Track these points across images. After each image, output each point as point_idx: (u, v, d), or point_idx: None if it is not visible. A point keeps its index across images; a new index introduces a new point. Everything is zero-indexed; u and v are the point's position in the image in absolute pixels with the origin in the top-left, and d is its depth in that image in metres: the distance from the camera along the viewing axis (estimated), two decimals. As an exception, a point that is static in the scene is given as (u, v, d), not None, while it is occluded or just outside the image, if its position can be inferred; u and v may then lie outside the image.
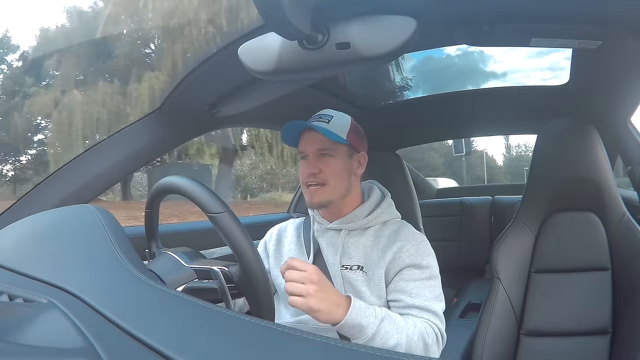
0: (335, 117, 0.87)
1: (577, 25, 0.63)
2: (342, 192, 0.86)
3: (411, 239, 0.85)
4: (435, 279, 0.84)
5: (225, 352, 0.34)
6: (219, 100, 0.91)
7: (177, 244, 0.71)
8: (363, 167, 0.91)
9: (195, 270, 0.63)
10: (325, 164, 0.84)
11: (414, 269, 0.82)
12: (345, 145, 0.86)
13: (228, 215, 0.57)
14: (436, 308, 0.80)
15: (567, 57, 0.97)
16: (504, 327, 0.95)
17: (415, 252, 0.83)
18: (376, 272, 0.83)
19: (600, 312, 0.92)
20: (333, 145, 0.84)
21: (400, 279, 0.82)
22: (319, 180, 0.84)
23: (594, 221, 0.97)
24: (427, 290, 0.81)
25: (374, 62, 0.54)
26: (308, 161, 0.86)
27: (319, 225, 0.92)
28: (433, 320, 0.78)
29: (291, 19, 0.47)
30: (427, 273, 0.83)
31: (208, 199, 0.58)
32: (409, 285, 0.81)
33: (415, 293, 0.81)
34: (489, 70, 1.52)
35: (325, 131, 0.82)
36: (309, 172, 0.84)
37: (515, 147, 23.64)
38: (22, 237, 0.60)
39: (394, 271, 0.82)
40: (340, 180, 0.85)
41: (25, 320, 0.38)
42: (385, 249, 0.84)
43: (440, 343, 0.78)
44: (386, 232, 0.87)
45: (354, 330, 0.70)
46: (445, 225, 1.84)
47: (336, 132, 0.84)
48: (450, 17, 0.65)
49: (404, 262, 0.82)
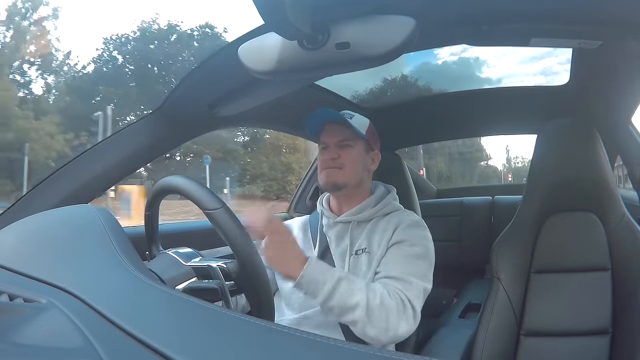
0: (356, 116, 0.94)
1: (577, 25, 0.63)
2: (356, 180, 0.92)
3: (406, 220, 0.90)
4: (424, 260, 0.85)
5: (226, 352, 0.34)
6: (219, 100, 0.91)
7: (177, 244, 0.71)
8: (375, 165, 0.97)
9: (193, 268, 0.64)
10: (345, 153, 0.91)
11: (403, 245, 0.86)
12: (363, 140, 0.93)
13: (224, 211, 0.57)
14: (412, 280, 0.80)
15: (560, 62, 0.98)
16: (503, 327, 0.94)
17: (408, 230, 0.88)
18: (379, 249, 0.87)
19: (600, 312, 0.92)
20: (354, 138, 0.92)
21: (389, 252, 0.86)
22: (337, 164, 0.90)
23: (594, 221, 0.97)
24: (410, 267, 0.83)
25: (374, 62, 0.54)
26: (328, 150, 0.92)
27: (327, 219, 0.96)
28: (401, 288, 0.79)
29: (291, 19, 0.48)
30: (416, 251, 0.85)
31: (204, 195, 0.58)
32: (394, 259, 0.84)
33: (397, 267, 0.82)
34: (484, 77, 1.54)
35: (350, 124, 0.90)
36: (329, 156, 0.91)
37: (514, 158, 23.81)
38: (22, 237, 0.60)
39: (388, 246, 0.87)
40: (356, 168, 0.92)
41: (25, 320, 0.38)
42: (385, 230, 0.89)
43: (408, 310, 0.77)
44: (387, 219, 0.92)
45: (312, 285, 0.73)
46: (445, 225, 1.84)
47: (357, 127, 0.91)
48: (450, 17, 0.65)
49: (396, 238, 0.87)
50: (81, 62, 16.69)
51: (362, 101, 1.51)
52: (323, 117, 0.93)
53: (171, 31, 16.53)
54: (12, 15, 14.21)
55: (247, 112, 0.92)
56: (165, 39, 16.14)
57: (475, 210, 1.83)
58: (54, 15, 14.81)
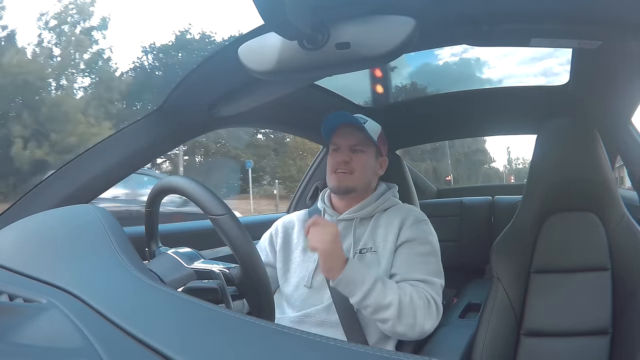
0: (369, 121, 0.96)
1: (577, 25, 0.63)
2: (365, 184, 0.95)
3: (410, 216, 0.92)
4: (435, 256, 0.90)
5: (226, 352, 0.34)
6: (219, 100, 0.91)
7: (177, 244, 0.71)
8: (383, 171, 1.00)
9: (195, 271, 0.64)
10: (356, 157, 0.93)
11: (414, 244, 0.88)
12: (374, 146, 0.96)
13: (229, 218, 0.57)
14: (432, 280, 0.85)
15: (560, 62, 0.98)
16: (503, 327, 0.94)
17: (415, 227, 0.90)
18: (385, 248, 0.89)
19: (600, 312, 0.92)
20: (366, 143, 0.94)
21: (400, 253, 0.88)
22: (348, 168, 0.92)
23: (594, 221, 0.97)
24: (424, 265, 0.86)
25: (374, 62, 0.55)
26: (340, 152, 0.94)
27: (330, 217, 0.97)
28: (426, 288, 0.83)
29: (291, 19, 0.48)
30: (427, 249, 0.89)
31: (210, 201, 0.58)
32: (410, 260, 0.87)
33: (417, 269, 0.86)
34: (485, 78, 1.53)
35: (364, 129, 0.92)
36: (341, 159, 0.93)
37: (515, 159, 24.14)
38: (22, 237, 0.59)
39: (397, 245, 0.89)
40: (366, 173, 0.94)
41: (25, 320, 0.38)
42: (388, 227, 0.91)
43: (432, 307, 0.82)
44: (388, 214, 0.94)
45: (350, 285, 0.77)
46: (445, 225, 1.83)
47: (370, 133, 0.93)
48: (450, 17, 0.65)
49: (404, 237, 0.89)
50: (128, 68, 17.57)
51: (362, 101, 1.51)
52: (339, 119, 0.94)
53: (207, 42, 17.53)
54: (61, 23, 15.19)
55: (247, 112, 0.92)
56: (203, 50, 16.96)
57: (475, 210, 1.83)
58: (102, 25, 15.79)
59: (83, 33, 15.12)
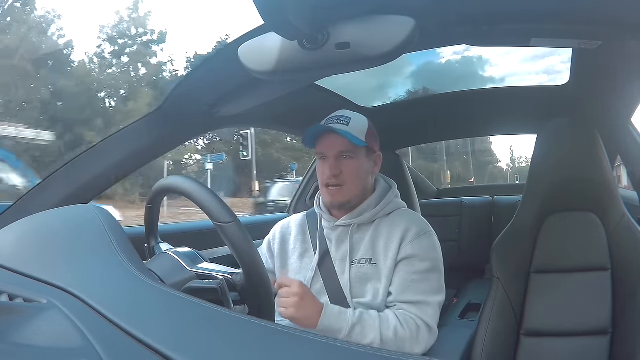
0: (353, 119, 0.89)
1: (577, 25, 0.63)
2: (360, 192, 0.89)
3: (413, 229, 0.87)
4: (435, 272, 0.85)
5: (225, 352, 0.34)
6: (219, 100, 0.91)
7: (177, 244, 0.71)
8: (378, 167, 0.94)
9: (197, 274, 0.63)
10: (346, 166, 0.87)
11: (414, 261, 0.84)
12: (364, 147, 0.88)
13: (236, 225, 0.56)
14: (427, 300, 0.82)
15: (563, 60, 0.98)
16: (503, 327, 0.94)
17: (417, 242, 0.85)
18: (386, 263, 0.85)
19: (600, 312, 0.92)
20: (353, 148, 0.86)
21: (398, 270, 0.84)
22: (339, 182, 0.86)
23: (594, 221, 0.97)
24: (422, 284, 0.83)
25: (374, 62, 0.54)
26: (328, 162, 0.87)
27: (327, 222, 0.93)
28: (417, 313, 0.80)
29: (291, 19, 0.48)
30: (427, 266, 0.84)
31: (217, 207, 0.57)
32: (406, 278, 0.83)
33: (411, 289, 0.82)
34: (487, 76, 1.53)
35: (347, 134, 0.84)
36: (330, 173, 0.86)
37: (518, 158, 24.48)
38: (22, 237, 0.60)
39: (397, 261, 0.85)
40: (359, 181, 0.88)
41: (25, 320, 0.38)
42: (389, 238, 0.86)
43: (422, 333, 0.80)
44: (391, 221, 0.89)
45: (328, 334, 0.75)
46: (445, 225, 1.83)
47: (355, 134, 0.86)
48: (450, 17, 0.65)
49: (404, 253, 0.84)
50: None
51: (362, 101, 1.50)
52: (318, 131, 0.88)
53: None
54: (122, 36, 16.63)
55: (247, 112, 0.92)
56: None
57: (475, 210, 1.82)
58: (160, 39, 17.12)
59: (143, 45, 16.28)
